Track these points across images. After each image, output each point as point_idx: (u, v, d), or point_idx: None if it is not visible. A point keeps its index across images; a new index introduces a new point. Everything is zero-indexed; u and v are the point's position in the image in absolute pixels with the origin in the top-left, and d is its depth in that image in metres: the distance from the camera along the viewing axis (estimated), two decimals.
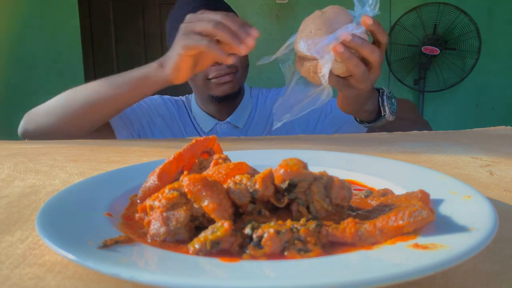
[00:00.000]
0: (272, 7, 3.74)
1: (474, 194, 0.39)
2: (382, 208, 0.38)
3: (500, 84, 3.89)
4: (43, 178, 0.63)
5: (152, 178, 0.44)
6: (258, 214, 0.37)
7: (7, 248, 0.36)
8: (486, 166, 0.68)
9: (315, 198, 0.38)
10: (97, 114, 1.08)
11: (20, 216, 0.45)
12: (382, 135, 1.07)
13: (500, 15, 3.81)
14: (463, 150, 0.84)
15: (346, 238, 0.32)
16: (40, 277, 0.31)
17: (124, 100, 1.06)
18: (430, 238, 0.30)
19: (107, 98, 1.04)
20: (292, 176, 0.38)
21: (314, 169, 0.42)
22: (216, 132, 1.33)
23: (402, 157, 0.74)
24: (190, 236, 0.34)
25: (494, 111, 3.94)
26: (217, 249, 0.31)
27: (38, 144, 1.00)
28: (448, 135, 1.06)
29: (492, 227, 0.31)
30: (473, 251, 0.28)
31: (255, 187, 0.37)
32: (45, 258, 0.34)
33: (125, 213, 0.42)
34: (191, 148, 0.47)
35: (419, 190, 0.39)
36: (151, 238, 0.34)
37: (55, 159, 0.78)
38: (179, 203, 0.35)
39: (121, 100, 1.06)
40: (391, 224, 0.32)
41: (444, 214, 0.36)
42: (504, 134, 1.08)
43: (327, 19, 0.81)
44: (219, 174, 0.40)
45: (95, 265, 0.27)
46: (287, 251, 0.31)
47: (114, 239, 0.32)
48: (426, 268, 0.25)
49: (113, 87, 1.03)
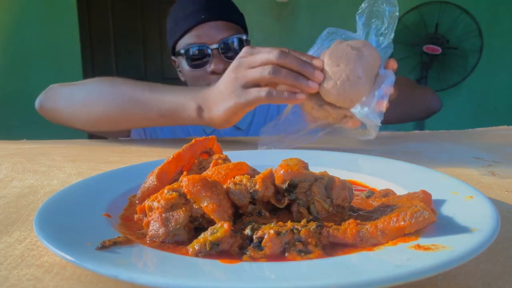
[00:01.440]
0: (272, 6, 3.74)
1: (476, 195, 0.38)
2: (383, 208, 0.38)
3: (502, 83, 3.89)
4: (41, 179, 0.63)
5: (151, 178, 0.43)
6: (258, 215, 0.37)
7: (5, 249, 0.36)
8: (488, 166, 0.67)
9: (316, 199, 0.38)
10: (119, 126, 1.00)
11: (18, 216, 0.45)
12: (383, 135, 1.06)
13: (502, 14, 3.80)
14: (464, 150, 0.84)
15: (347, 239, 0.32)
16: (38, 278, 0.31)
17: (152, 124, 0.97)
18: (432, 239, 0.30)
19: (133, 119, 0.95)
20: (293, 176, 0.37)
21: (315, 169, 0.42)
22: (218, 133, 1.33)
23: (403, 157, 0.74)
24: (190, 237, 0.33)
25: (496, 110, 3.93)
26: (217, 250, 0.31)
27: (36, 144, 1.00)
28: (449, 135, 1.06)
29: (494, 228, 0.31)
30: (475, 252, 0.27)
31: (255, 187, 0.37)
32: (43, 259, 0.34)
33: (124, 214, 0.41)
34: (190, 148, 0.46)
35: (421, 190, 0.39)
36: (150, 239, 0.34)
37: (54, 159, 0.78)
38: (178, 203, 0.35)
39: (149, 124, 0.97)
40: (392, 225, 0.31)
41: (446, 214, 0.35)
42: (506, 134, 1.08)
43: (367, 65, 0.73)
44: (218, 174, 0.40)
45: (94, 266, 0.27)
46: (287, 252, 0.31)
47: (112, 240, 0.31)
48: (428, 269, 0.25)
49: (143, 109, 0.92)
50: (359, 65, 0.72)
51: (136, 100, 0.92)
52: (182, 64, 1.25)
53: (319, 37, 0.81)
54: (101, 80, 1.03)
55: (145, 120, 0.94)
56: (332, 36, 0.80)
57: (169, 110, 0.88)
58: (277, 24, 3.73)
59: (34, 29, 3.52)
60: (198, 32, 1.19)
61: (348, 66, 0.72)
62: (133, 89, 0.95)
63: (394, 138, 1.02)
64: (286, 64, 0.74)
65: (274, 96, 0.75)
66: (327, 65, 0.74)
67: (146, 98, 0.91)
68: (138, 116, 0.93)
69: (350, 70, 0.72)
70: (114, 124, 0.99)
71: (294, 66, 0.74)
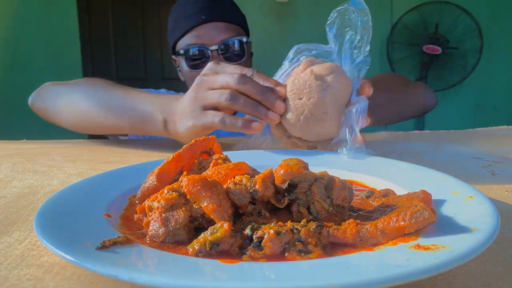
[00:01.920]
0: (272, 6, 3.73)
1: (476, 195, 0.38)
2: (383, 208, 0.38)
3: (502, 83, 3.89)
4: (41, 179, 0.63)
5: (151, 178, 0.43)
6: (258, 215, 0.37)
7: (5, 249, 0.36)
8: (488, 166, 0.67)
9: (316, 199, 0.38)
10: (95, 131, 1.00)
11: (18, 216, 0.45)
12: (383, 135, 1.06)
13: (502, 14, 3.80)
14: (464, 150, 0.84)
15: (347, 239, 0.32)
16: (38, 278, 0.31)
17: (123, 133, 0.94)
18: (432, 239, 0.30)
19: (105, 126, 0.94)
20: (293, 176, 0.37)
21: (315, 169, 0.42)
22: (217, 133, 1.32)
23: (403, 157, 0.74)
24: (190, 237, 0.33)
25: (496, 110, 3.93)
26: (217, 250, 0.31)
27: (36, 144, 1.00)
28: (449, 135, 1.06)
29: (494, 228, 0.31)
30: (475, 252, 0.27)
31: (255, 187, 0.37)
32: (43, 259, 0.34)
33: (124, 214, 0.41)
34: (190, 148, 0.46)
35: (421, 190, 0.39)
36: (150, 239, 0.34)
37: (54, 159, 0.78)
38: (178, 203, 0.35)
39: (121, 132, 0.95)
40: (392, 225, 0.31)
41: (445, 214, 0.35)
42: (506, 134, 1.08)
43: (334, 97, 0.64)
44: (218, 174, 0.40)
45: (94, 266, 0.27)
46: (287, 252, 0.31)
47: (112, 240, 0.31)
48: (427, 269, 0.25)
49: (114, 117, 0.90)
50: (324, 98, 0.64)
51: (109, 108, 0.92)
52: (182, 64, 1.25)
53: (286, 58, 0.74)
54: (86, 82, 1.05)
55: (117, 129, 0.93)
56: (302, 53, 0.73)
57: (138, 120, 0.86)
58: (277, 24, 3.73)
59: (34, 29, 3.51)
60: (198, 32, 1.19)
61: (311, 101, 0.65)
62: (109, 96, 0.94)
63: (394, 138, 1.02)
64: (246, 91, 0.68)
65: (227, 123, 0.69)
66: (290, 96, 0.67)
67: (119, 106, 0.90)
68: (110, 124, 0.92)
69: (313, 104, 0.65)
70: (90, 129, 1.00)
71: (253, 94, 0.68)
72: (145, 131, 0.87)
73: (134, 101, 0.88)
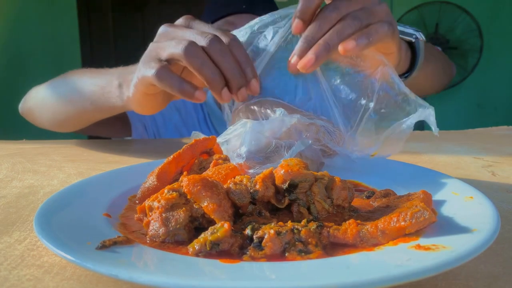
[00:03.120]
0: None
1: (476, 195, 0.38)
2: (383, 209, 0.38)
3: (502, 83, 3.88)
4: (41, 179, 0.63)
5: (151, 178, 0.43)
6: (259, 215, 0.37)
7: (5, 249, 0.36)
8: (488, 166, 0.67)
9: (316, 199, 0.38)
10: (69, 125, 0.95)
11: (18, 216, 0.45)
12: None
13: (502, 13, 3.79)
14: (465, 150, 0.84)
15: (348, 239, 0.32)
16: (38, 278, 0.31)
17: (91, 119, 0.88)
18: (432, 239, 0.30)
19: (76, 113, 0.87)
20: (293, 176, 0.37)
21: None
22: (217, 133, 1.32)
23: (404, 157, 0.74)
24: (190, 237, 0.33)
25: (496, 111, 3.93)
26: (217, 250, 0.31)
27: (36, 144, 1.00)
28: (449, 135, 1.06)
29: (494, 229, 0.31)
30: (475, 252, 0.27)
31: (256, 187, 0.37)
32: (43, 259, 0.34)
33: (124, 214, 0.41)
34: (190, 148, 0.46)
35: (421, 190, 0.39)
36: (150, 239, 0.34)
37: (53, 159, 0.78)
38: (179, 203, 0.35)
39: (89, 118, 0.88)
40: (393, 225, 0.31)
41: (446, 215, 0.35)
42: (506, 134, 1.08)
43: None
44: (219, 174, 0.40)
45: (94, 266, 0.27)
46: (287, 252, 0.30)
47: (112, 240, 0.31)
48: (428, 269, 0.25)
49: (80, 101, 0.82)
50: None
51: (74, 92, 0.83)
52: None
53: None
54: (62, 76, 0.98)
55: (82, 111, 0.84)
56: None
57: (97, 93, 0.74)
58: None
59: (34, 29, 3.51)
60: (234, 20, 1.15)
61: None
62: (75, 81, 0.85)
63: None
64: (214, 55, 0.54)
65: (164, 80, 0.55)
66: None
67: (82, 87, 0.80)
68: (77, 108, 0.84)
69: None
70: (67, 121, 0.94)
71: (222, 62, 0.54)
72: (105, 106, 0.77)
73: (99, 76, 0.78)
